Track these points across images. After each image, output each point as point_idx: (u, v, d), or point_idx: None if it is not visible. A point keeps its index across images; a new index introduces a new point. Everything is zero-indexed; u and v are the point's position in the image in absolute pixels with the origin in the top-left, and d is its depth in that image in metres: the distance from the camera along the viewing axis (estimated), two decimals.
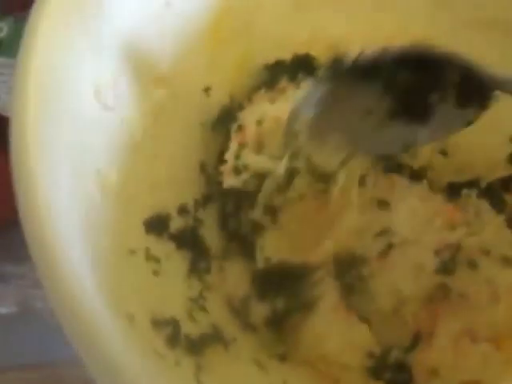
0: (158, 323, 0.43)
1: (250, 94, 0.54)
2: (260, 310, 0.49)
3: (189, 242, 0.50)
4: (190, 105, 0.51)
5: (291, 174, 0.50)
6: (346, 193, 0.51)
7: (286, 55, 0.54)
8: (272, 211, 0.51)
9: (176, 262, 0.49)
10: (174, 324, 0.44)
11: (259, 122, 0.52)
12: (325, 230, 0.51)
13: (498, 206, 0.52)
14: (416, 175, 0.52)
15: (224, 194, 0.52)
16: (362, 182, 0.51)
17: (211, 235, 0.52)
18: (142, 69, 0.48)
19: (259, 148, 0.51)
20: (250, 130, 0.51)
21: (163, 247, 0.49)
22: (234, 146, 0.51)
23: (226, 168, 0.51)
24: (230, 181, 0.50)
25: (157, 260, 0.47)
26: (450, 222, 0.48)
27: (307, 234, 0.51)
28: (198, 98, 0.52)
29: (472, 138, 0.54)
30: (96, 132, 0.44)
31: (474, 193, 0.52)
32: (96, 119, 0.44)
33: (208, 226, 0.52)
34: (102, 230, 0.43)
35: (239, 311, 0.50)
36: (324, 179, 0.51)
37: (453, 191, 0.53)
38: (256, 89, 0.54)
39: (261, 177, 0.50)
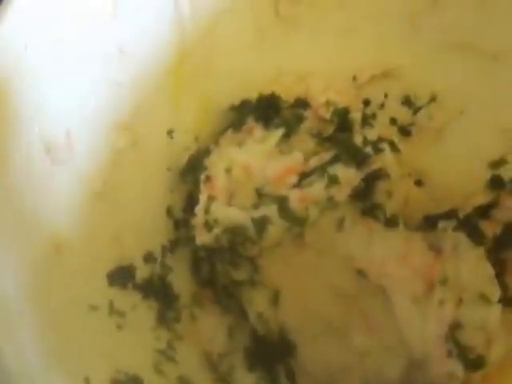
0: (118, 383, 0.42)
1: (216, 137, 0.52)
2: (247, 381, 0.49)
3: (156, 290, 0.49)
4: (154, 150, 0.50)
5: (263, 224, 0.49)
6: (323, 236, 0.50)
7: (252, 94, 0.53)
8: (251, 263, 0.50)
9: (142, 313, 0.48)
10: (136, 382, 0.43)
11: (228, 171, 0.50)
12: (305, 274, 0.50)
13: (477, 236, 0.50)
14: (392, 220, 0.51)
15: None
16: (339, 226, 0.49)
17: (180, 282, 0.51)
18: (99, 117, 0.47)
19: (229, 199, 0.49)
20: (219, 180, 0.50)
21: (128, 299, 0.48)
22: (203, 198, 0.49)
23: (197, 223, 0.49)
24: (201, 237, 0.49)
25: (121, 313, 0.46)
26: (428, 282, 0.47)
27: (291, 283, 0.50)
28: (161, 142, 0.51)
29: (448, 165, 0.52)
30: (49, 189, 0.43)
31: (451, 225, 0.50)
32: (48, 175, 0.43)
33: (177, 272, 0.51)
34: (57, 290, 0.42)
35: (216, 366, 0.49)
36: (299, 223, 0.49)
37: (429, 224, 0.51)
38: (222, 131, 0.53)
39: (233, 230, 0.49)
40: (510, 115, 0.52)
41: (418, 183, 0.53)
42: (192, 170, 0.52)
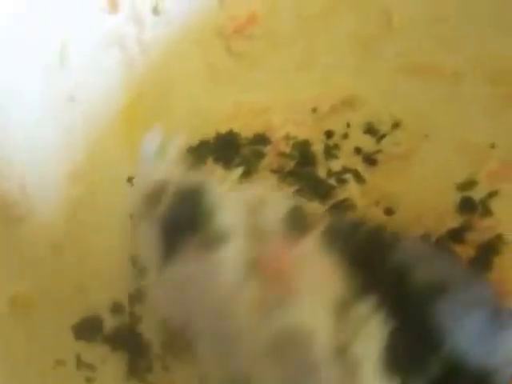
0: None
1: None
2: None
3: (125, 341, 0.48)
4: (113, 197, 0.49)
5: None
6: None
7: (210, 133, 0.52)
8: None
9: (112, 364, 0.47)
10: None
11: None
12: None
13: None
14: None
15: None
16: None
17: (151, 331, 0.49)
18: (53, 168, 0.46)
19: None
20: None
21: (97, 351, 0.46)
22: None
23: None
24: None
25: (90, 366, 0.45)
26: None
27: None
28: (121, 189, 0.50)
29: (418, 190, 0.51)
30: (7, 244, 0.42)
31: None
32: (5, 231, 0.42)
33: (147, 321, 0.49)
34: (19, 346, 0.41)
35: None
36: None
37: None
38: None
39: None
40: (476, 135, 0.51)
41: (388, 211, 0.51)
42: None
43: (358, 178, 0.51)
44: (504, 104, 0.50)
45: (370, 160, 0.53)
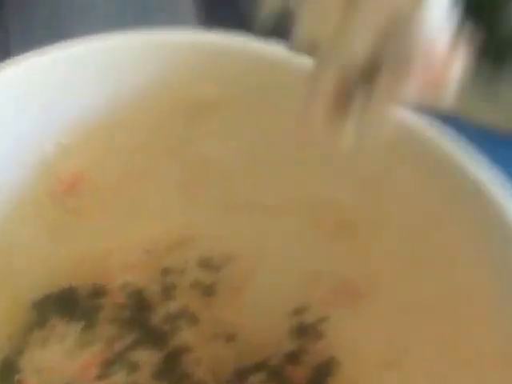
0: None
1: (26, 336, 0.53)
2: None
3: None
4: None
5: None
6: None
7: (52, 288, 0.53)
8: None
9: None
10: None
11: (38, 372, 0.51)
12: None
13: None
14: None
15: None
16: None
17: None
18: None
19: None
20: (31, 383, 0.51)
21: None
22: None
23: None
24: None
25: None
26: None
27: None
28: None
29: (255, 318, 0.55)
30: None
31: (261, 377, 0.53)
32: None
33: None
34: None
35: None
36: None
37: (240, 379, 0.54)
38: (31, 328, 0.53)
39: None
40: (304, 265, 0.54)
41: (228, 341, 0.55)
42: (7, 373, 0.53)
43: (194, 319, 0.54)
44: (329, 236, 0.52)
45: (209, 292, 0.55)
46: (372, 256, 0.51)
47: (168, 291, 0.54)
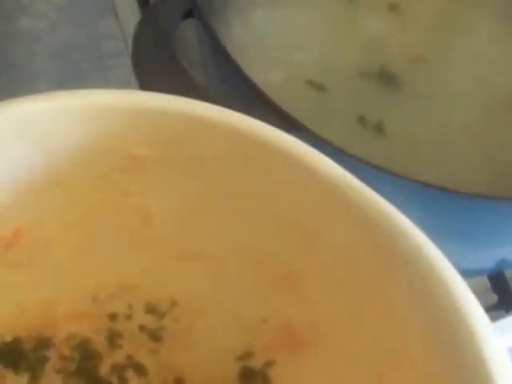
0: None
1: None
2: None
3: None
4: None
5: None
6: None
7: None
8: None
9: None
10: None
11: None
12: None
13: None
14: None
15: None
16: None
17: None
18: None
19: None
20: None
21: None
22: None
23: None
24: None
25: None
26: None
27: None
28: None
29: (202, 363, 0.55)
30: None
31: None
32: None
33: None
34: None
35: None
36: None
37: None
38: None
39: None
40: (248, 312, 0.54)
41: None
42: None
43: (142, 368, 0.54)
44: (271, 285, 0.53)
45: (155, 337, 0.56)
46: (314, 306, 0.51)
47: (114, 339, 0.54)
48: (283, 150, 0.45)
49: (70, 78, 0.78)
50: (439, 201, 0.58)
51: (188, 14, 0.67)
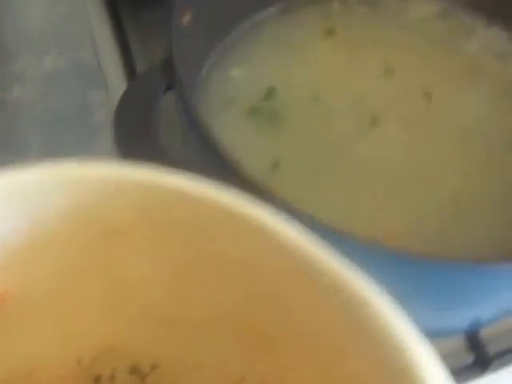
0: None
1: None
2: None
3: None
4: None
5: None
6: None
7: None
8: None
9: None
10: None
11: None
12: None
13: None
14: None
15: None
16: None
17: None
18: None
19: None
20: None
21: None
22: None
23: None
24: None
25: None
26: None
27: None
28: None
29: None
30: None
31: None
32: None
33: None
34: None
35: None
36: None
37: None
38: None
39: None
40: (227, 370, 0.56)
41: None
42: None
43: None
44: (249, 346, 0.55)
45: None
46: (287, 367, 0.54)
47: None
48: (253, 219, 0.48)
49: (59, 146, 0.81)
50: (407, 265, 0.61)
51: (172, 86, 0.70)
